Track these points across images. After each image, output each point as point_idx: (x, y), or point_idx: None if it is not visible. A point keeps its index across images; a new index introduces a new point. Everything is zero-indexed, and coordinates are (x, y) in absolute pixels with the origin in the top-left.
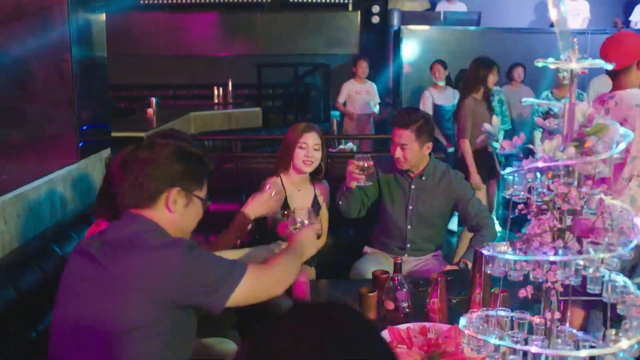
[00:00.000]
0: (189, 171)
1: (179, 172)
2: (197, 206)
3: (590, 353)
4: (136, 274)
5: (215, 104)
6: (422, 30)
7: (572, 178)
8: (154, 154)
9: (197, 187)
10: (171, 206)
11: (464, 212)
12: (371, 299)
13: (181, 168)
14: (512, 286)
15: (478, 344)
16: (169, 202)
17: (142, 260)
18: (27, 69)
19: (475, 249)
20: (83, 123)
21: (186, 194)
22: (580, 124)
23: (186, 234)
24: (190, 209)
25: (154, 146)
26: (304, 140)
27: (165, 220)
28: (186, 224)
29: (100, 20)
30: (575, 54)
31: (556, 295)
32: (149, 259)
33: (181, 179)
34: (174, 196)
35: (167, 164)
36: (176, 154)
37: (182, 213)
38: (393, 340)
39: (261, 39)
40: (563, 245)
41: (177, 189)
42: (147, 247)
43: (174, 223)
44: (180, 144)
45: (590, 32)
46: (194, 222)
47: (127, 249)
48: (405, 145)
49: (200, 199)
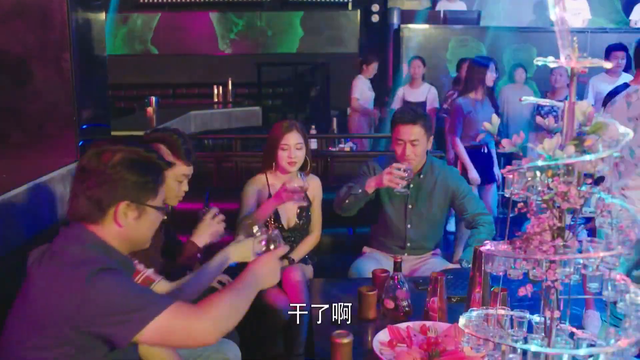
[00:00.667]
0: (139, 182)
1: (128, 185)
2: (151, 217)
3: (590, 351)
4: (41, 294)
5: (215, 102)
6: (421, 29)
7: (571, 177)
8: (101, 164)
9: (150, 196)
10: (120, 220)
11: (460, 208)
12: (371, 297)
13: (130, 180)
14: (512, 285)
15: (478, 343)
16: (117, 216)
17: (48, 279)
18: (27, 67)
19: (475, 247)
20: (83, 122)
21: (137, 206)
22: (580, 123)
23: (140, 245)
24: (143, 221)
25: (100, 156)
26: (285, 141)
27: (114, 234)
28: (139, 236)
29: (100, 19)
30: (575, 53)
31: (556, 294)
32: (54, 278)
33: (131, 191)
34: (123, 210)
35: (114, 175)
36: (124, 164)
37: (133, 226)
38: (393, 339)
39: (261, 38)
40: (563, 243)
41: (126, 203)
42: (58, 264)
43: (124, 237)
44: (132, 149)
45: (590, 31)
46: (149, 233)
47: (48, 265)
48: (416, 141)
49: (155, 208)
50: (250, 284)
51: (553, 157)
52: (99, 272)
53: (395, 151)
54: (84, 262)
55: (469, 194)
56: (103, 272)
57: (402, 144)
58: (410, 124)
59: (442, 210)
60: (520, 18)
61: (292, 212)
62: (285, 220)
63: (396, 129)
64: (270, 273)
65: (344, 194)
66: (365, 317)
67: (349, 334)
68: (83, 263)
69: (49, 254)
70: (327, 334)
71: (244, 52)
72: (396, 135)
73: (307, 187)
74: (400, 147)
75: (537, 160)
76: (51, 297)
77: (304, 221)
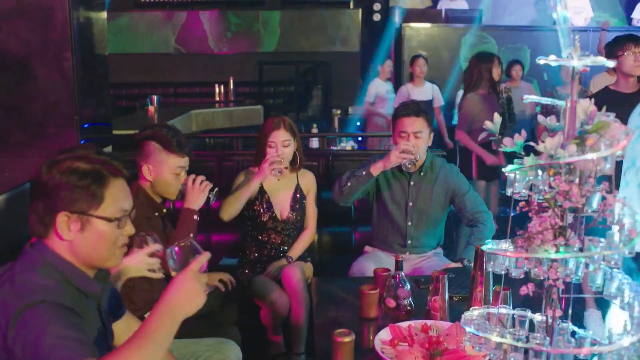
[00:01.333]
0: (77, 189)
1: (63, 194)
2: (99, 228)
3: (592, 350)
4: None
5: (217, 101)
6: (423, 27)
7: (573, 176)
8: (42, 176)
9: (93, 205)
10: (61, 233)
11: (460, 205)
12: (372, 296)
13: (66, 188)
14: (514, 284)
15: (479, 342)
16: (57, 229)
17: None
18: (28, 66)
19: (476, 246)
20: (84, 121)
21: (78, 217)
22: (582, 122)
23: (98, 261)
24: (89, 233)
25: (42, 168)
26: (272, 139)
27: (64, 249)
28: (90, 251)
29: (102, 18)
30: (577, 52)
31: (557, 293)
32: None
33: (67, 200)
34: (62, 222)
35: (49, 184)
36: (62, 173)
37: (80, 240)
38: (394, 337)
39: (262, 37)
40: (564, 242)
41: (63, 213)
42: (5, 293)
43: (75, 252)
44: (78, 156)
45: (592, 29)
46: (102, 247)
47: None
48: (419, 134)
49: (103, 218)
50: (164, 323)
51: (555, 155)
52: (30, 307)
53: (397, 144)
54: (25, 293)
55: (469, 191)
56: (39, 306)
57: (406, 136)
58: (414, 116)
59: (442, 207)
60: (521, 16)
61: (286, 203)
62: (278, 211)
63: (399, 122)
64: (188, 296)
65: (347, 178)
66: (366, 316)
67: (351, 333)
68: (24, 294)
69: (4, 279)
70: (328, 333)
71: (245, 51)
72: (399, 127)
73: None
74: (404, 139)
75: (539, 158)
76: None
77: (298, 213)
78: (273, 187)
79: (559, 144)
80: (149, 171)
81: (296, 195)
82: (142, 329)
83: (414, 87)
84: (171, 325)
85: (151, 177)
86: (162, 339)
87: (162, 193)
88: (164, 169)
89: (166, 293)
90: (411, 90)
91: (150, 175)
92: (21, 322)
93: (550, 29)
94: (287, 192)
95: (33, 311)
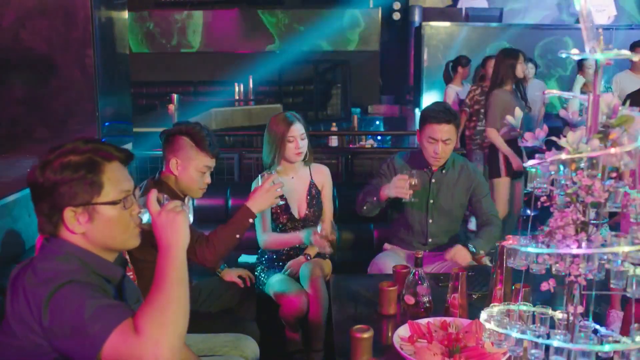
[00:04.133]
0: (73, 183)
1: (62, 190)
2: (107, 214)
3: (614, 348)
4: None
5: (236, 100)
6: (443, 27)
7: (596, 170)
8: (37, 178)
9: (94, 194)
10: (72, 228)
11: (476, 205)
12: (391, 293)
13: (62, 184)
14: (534, 282)
15: (499, 338)
16: (67, 225)
17: (20, 299)
18: (51, 64)
19: (498, 243)
20: (105, 119)
21: (84, 208)
22: (605, 116)
23: (116, 245)
24: (99, 221)
25: (35, 170)
26: (291, 133)
27: (80, 241)
28: (105, 238)
29: (123, 17)
30: (601, 45)
31: (579, 289)
32: (24, 297)
33: (68, 195)
34: (69, 217)
35: (46, 184)
36: (55, 170)
37: (92, 230)
38: (413, 334)
39: (282, 36)
40: (586, 238)
41: (68, 209)
42: (29, 283)
43: (92, 241)
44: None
45: (615, 27)
46: (115, 231)
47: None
48: (448, 140)
49: (107, 203)
50: (173, 263)
51: (577, 150)
52: (61, 288)
53: (424, 148)
54: (51, 279)
55: (487, 194)
56: (66, 286)
57: (435, 143)
58: (445, 123)
59: (462, 205)
60: (542, 15)
61: (302, 201)
62: (295, 210)
63: (429, 127)
64: (177, 230)
65: (361, 201)
66: (385, 313)
67: (369, 329)
68: (49, 280)
69: (25, 270)
70: (347, 330)
71: (265, 50)
72: (429, 132)
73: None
74: (432, 145)
75: (561, 153)
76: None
77: (315, 209)
78: (288, 187)
79: (581, 138)
80: (176, 165)
81: (311, 191)
82: (158, 277)
83: (458, 87)
84: (175, 262)
85: (177, 171)
86: (175, 277)
87: (185, 189)
88: (192, 165)
89: (159, 239)
90: (458, 91)
91: (177, 170)
92: (53, 304)
93: (572, 27)
94: (302, 190)
95: (63, 292)
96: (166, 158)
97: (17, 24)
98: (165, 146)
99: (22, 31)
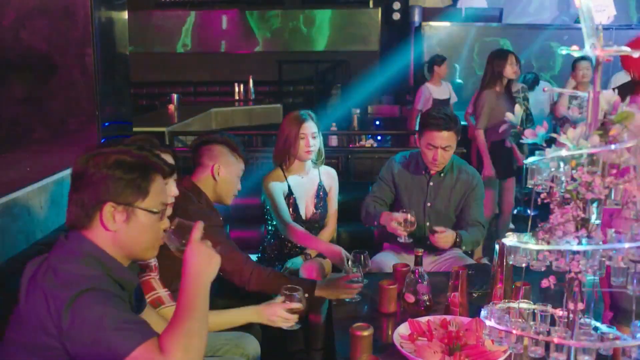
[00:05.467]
0: (123, 181)
1: (110, 184)
2: (142, 220)
3: (615, 345)
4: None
5: (236, 100)
6: (443, 26)
7: (596, 167)
8: (89, 167)
9: (139, 197)
10: (107, 224)
11: (464, 209)
12: (391, 291)
13: (113, 179)
14: (535, 280)
15: (500, 335)
16: (103, 219)
17: (39, 298)
18: (51, 64)
19: (497, 241)
20: (105, 119)
21: (125, 208)
22: (605, 112)
23: (138, 253)
24: (134, 224)
25: (88, 160)
26: (303, 131)
27: (106, 240)
28: (132, 242)
29: (123, 18)
30: (600, 42)
31: (579, 286)
32: (44, 298)
33: (114, 191)
34: (108, 212)
35: (97, 176)
36: (109, 165)
37: (124, 231)
38: (413, 332)
39: (282, 36)
40: (587, 234)
41: (110, 204)
42: (50, 284)
43: (117, 243)
44: (123, 150)
45: (615, 27)
46: (143, 239)
47: (40, 282)
48: (448, 147)
49: (146, 210)
50: (197, 292)
51: (577, 146)
52: (84, 294)
53: (423, 153)
54: (72, 282)
55: (480, 200)
56: (88, 294)
57: (434, 150)
58: (447, 130)
59: (458, 209)
60: (542, 15)
61: (310, 203)
62: (303, 211)
63: (429, 133)
64: (205, 261)
65: (365, 219)
66: (385, 311)
67: (369, 327)
68: (71, 284)
69: (44, 269)
70: (347, 328)
71: (265, 50)
72: (428, 140)
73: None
74: (431, 152)
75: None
76: (40, 318)
77: (321, 210)
78: (299, 188)
79: (581, 134)
80: (218, 170)
81: (319, 192)
82: (181, 304)
83: (435, 87)
84: (203, 291)
85: (219, 177)
86: (202, 305)
87: (222, 194)
88: (232, 170)
89: (185, 268)
90: (432, 90)
91: (219, 175)
92: (75, 309)
93: (571, 26)
94: (310, 191)
95: (84, 299)
96: (203, 164)
97: (17, 23)
98: (200, 154)
99: (22, 31)
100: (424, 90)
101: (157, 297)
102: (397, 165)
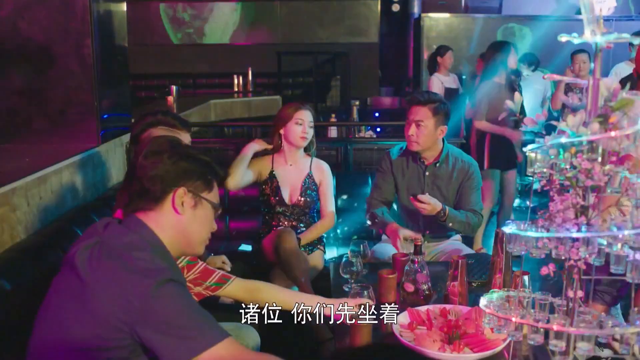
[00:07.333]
0: (193, 171)
1: (183, 172)
2: (206, 210)
3: (614, 332)
4: (104, 294)
5: (235, 92)
6: (442, 18)
7: (595, 154)
8: (158, 157)
9: (205, 189)
10: (178, 207)
11: (461, 197)
12: (391, 281)
13: (185, 168)
14: (534, 269)
15: (499, 323)
16: (174, 202)
17: (113, 281)
18: (49, 54)
19: (496, 231)
20: (104, 111)
21: (193, 195)
22: (605, 99)
23: (193, 245)
24: (200, 212)
25: (158, 151)
26: (301, 116)
27: (170, 225)
28: (195, 229)
29: (122, 9)
30: (601, 28)
31: (579, 274)
32: (121, 282)
33: (186, 178)
34: (180, 196)
35: (170, 164)
36: (180, 155)
37: (190, 215)
38: (413, 321)
39: (281, 28)
40: (586, 222)
41: (183, 189)
42: (126, 268)
43: (180, 229)
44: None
45: (615, 19)
46: (203, 229)
47: (110, 263)
48: (420, 122)
49: (210, 202)
50: None
51: (577, 134)
52: (166, 284)
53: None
54: (152, 270)
55: (477, 188)
56: (170, 284)
57: (409, 124)
58: (419, 104)
59: (458, 196)
60: (542, 7)
61: (296, 188)
62: (286, 195)
63: (407, 107)
64: None
65: (371, 222)
66: (385, 301)
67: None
68: (151, 272)
69: (107, 252)
70: None
71: (264, 42)
72: (407, 114)
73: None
74: (407, 127)
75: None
76: (117, 300)
77: (308, 199)
78: (284, 172)
79: (581, 121)
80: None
81: (307, 181)
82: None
83: (445, 77)
84: None
85: None
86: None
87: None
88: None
89: None
90: (443, 80)
91: None
92: (157, 297)
93: (571, 18)
94: (297, 177)
95: (168, 288)
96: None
97: (15, 14)
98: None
99: (20, 21)
100: (434, 80)
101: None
102: (393, 156)
